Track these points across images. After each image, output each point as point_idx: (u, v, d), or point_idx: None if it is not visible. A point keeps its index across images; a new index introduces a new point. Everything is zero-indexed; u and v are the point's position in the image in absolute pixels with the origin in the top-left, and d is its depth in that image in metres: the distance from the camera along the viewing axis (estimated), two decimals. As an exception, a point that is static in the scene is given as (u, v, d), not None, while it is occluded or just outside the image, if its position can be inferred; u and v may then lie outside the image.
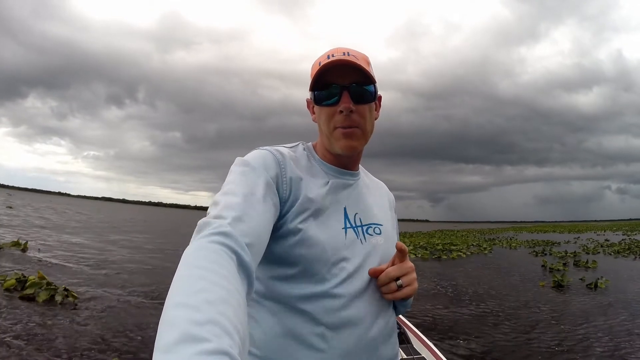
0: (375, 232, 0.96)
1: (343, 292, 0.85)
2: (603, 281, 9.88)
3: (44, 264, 9.22)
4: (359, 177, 1.02)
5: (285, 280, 0.86)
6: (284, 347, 0.84)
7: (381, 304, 0.92)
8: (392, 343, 0.95)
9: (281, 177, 0.87)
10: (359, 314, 0.86)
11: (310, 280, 0.85)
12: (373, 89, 0.92)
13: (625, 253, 19.39)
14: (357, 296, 0.87)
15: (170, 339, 0.42)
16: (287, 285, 0.86)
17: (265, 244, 0.75)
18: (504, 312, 7.17)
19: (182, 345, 0.41)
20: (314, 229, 0.86)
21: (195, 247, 0.60)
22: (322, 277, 0.85)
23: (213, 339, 0.42)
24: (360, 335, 0.86)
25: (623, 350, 5.06)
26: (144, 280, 8.50)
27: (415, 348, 2.84)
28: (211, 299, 0.48)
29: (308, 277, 0.85)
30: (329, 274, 0.85)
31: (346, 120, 0.90)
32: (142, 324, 5.42)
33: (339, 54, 0.89)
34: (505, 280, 10.93)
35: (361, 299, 0.88)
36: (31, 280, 6.43)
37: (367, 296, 0.89)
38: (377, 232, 0.97)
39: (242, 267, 0.61)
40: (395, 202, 1.14)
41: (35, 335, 4.68)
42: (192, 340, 0.41)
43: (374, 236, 0.95)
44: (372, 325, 0.89)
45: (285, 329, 0.84)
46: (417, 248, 19.88)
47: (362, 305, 0.87)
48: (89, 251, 12.45)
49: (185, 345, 0.41)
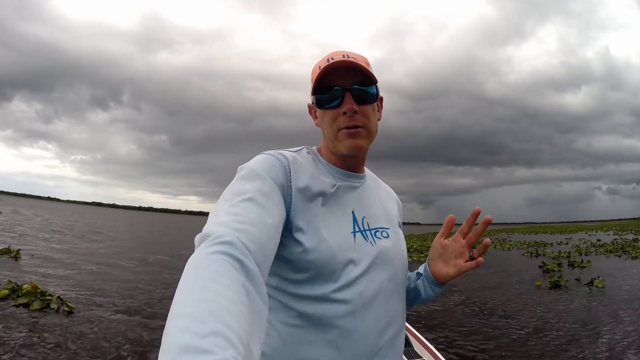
0: (383, 235, 0.95)
1: (353, 297, 0.84)
2: (599, 280, 9.99)
3: (36, 272, 9.04)
4: (365, 180, 1.02)
5: (294, 286, 0.85)
6: (294, 353, 0.83)
7: (393, 307, 0.92)
8: (400, 347, 0.96)
9: (287, 182, 0.85)
10: (369, 318, 0.85)
11: (319, 285, 0.84)
12: (375, 90, 0.93)
13: (617, 252, 19.64)
14: (368, 300, 0.86)
15: (173, 352, 0.41)
16: (296, 291, 0.85)
17: (272, 251, 0.73)
18: (503, 312, 7.20)
19: (186, 358, 0.40)
20: (322, 233, 0.85)
21: (198, 257, 0.58)
22: (332, 282, 0.84)
23: (217, 350, 0.42)
24: (371, 340, 0.85)
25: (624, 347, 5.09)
26: (140, 288, 8.38)
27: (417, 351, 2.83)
28: (214, 309, 0.47)
29: (317, 282, 0.84)
30: (339, 278, 0.84)
31: (350, 120, 0.89)
32: (138, 334, 5.33)
33: (338, 56, 0.89)
34: (502, 280, 10.99)
35: (372, 303, 0.87)
36: (25, 289, 6.31)
37: (378, 300, 0.88)
38: (385, 236, 0.96)
39: (248, 275, 0.59)
40: (402, 206, 1.15)
41: (28, 344, 4.57)
42: (195, 352, 0.41)
43: (382, 240, 0.94)
44: (384, 329, 0.88)
45: (294, 335, 0.84)
46: (412, 251, 19.92)
47: (372, 309, 0.86)
48: (82, 258, 12.24)
49: (188, 358, 0.40)
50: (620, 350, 5.06)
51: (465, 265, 0.98)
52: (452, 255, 1.01)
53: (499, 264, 15.17)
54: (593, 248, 22.73)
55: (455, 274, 0.99)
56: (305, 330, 0.83)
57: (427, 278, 1.05)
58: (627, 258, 17.39)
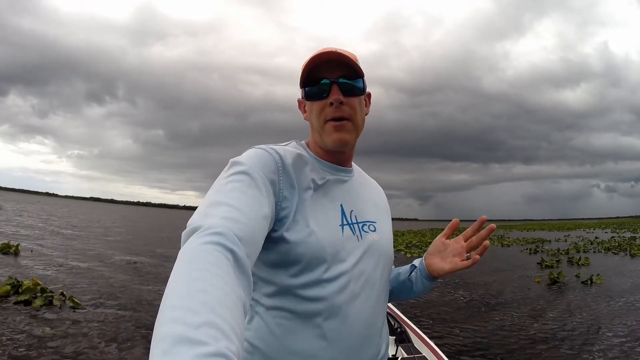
0: (370, 229, 0.97)
1: (341, 289, 0.86)
2: (597, 277, 10.07)
3: (37, 268, 9.06)
4: (353, 174, 1.03)
5: (282, 277, 0.86)
6: (282, 344, 0.85)
7: (378, 301, 0.95)
8: (386, 339, 1.01)
9: (277, 176, 0.86)
10: (357, 310, 0.87)
11: (307, 277, 0.85)
12: (362, 84, 0.94)
13: (615, 250, 19.72)
14: (356, 292, 0.88)
15: (167, 343, 0.41)
16: (284, 283, 0.86)
17: (260, 242, 0.73)
18: (504, 307, 7.24)
19: (180, 349, 0.40)
20: (311, 226, 0.86)
21: (190, 248, 0.58)
22: (320, 273, 0.85)
23: (211, 341, 0.41)
24: (358, 331, 0.87)
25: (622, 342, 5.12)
26: (140, 283, 8.40)
27: (416, 347, 2.83)
28: (208, 300, 0.47)
29: (306, 274, 0.85)
30: (327, 270, 0.85)
31: (337, 111, 0.91)
32: (139, 329, 5.36)
33: (327, 51, 0.91)
34: (502, 277, 11.05)
35: (359, 295, 0.89)
36: (26, 285, 6.30)
37: (365, 292, 0.90)
38: (372, 230, 0.97)
39: (239, 266, 0.59)
40: (387, 200, 1.16)
41: (29, 343, 4.58)
42: (189, 344, 0.40)
43: (370, 233, 0.96)
44: (371, 321, 0.91)
45: (283, 326, 0.85)
46: (410, 247, 19.97)
47: (359, 301, 0.88)
48: (83, 254, 12.26)
49: (182, 349, 0.40)
50: (618, 346, 5.10)
51: (461, 264, 1.00)
52: (450, 253, 1.04)
53: (498, 260, 15.23)
54: (591, 245, 22.82)
55: (450, 270, 1.01)
56: (294, 322, 0.85)
57: (421, 270, 1.07)
58: (625, 256, 17.48)
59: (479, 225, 1.02)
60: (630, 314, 6.78)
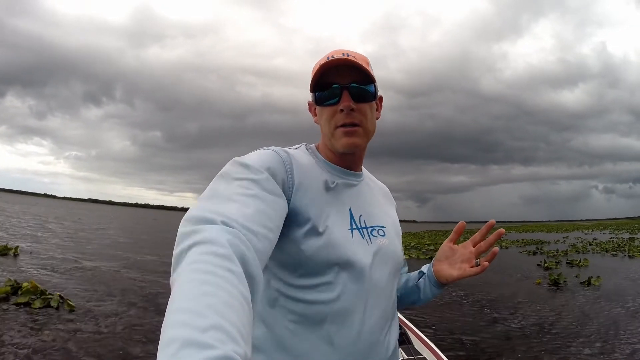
0: (379, 234, 0.96)
1: (349, 293, 0.85)
2: (596, 279, 10.10)
3: (36, 270, 9.02)
4: (362, 178, 1.02)
5: (290, 280, 0.85)
6: (288, 348, 0.84)
7: (387, 306, 0.93)
8: (395, 343, 0.97)
9: (287, 178, 0.84)
10: (365, 315, 0.86)
11: (315, 280, 0.84)
12: (373, 89, 0.93)
13: (613, 251, 19.75)
14: (364, 297, 0.87)
15: (174, 347, 0.40)
16: (292, 284, 0.85)
17: (271, 245, 0.71)
18: (505, 308, 7.24)
19: (187, 353, 0.39)
20: (320, 230, 0.84)
21: (196, 251, 0.56)
22: (328, 277, 0.84)
23: (218, 345, 0.40)
24: (366, 337, 0.86)
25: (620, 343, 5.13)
26: (142, 286, 8.37)
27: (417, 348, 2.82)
28: (214, 303, 0.46)
29: (314, 277, 0.84)
30: (336, 274, 0.84)
31: (347, 118, 0.90)
32: (138, 330, 5.34)
33: (338, 55, 0.89)
34: (503, 278, 11.05)
35: (367, 300, 0.87)
36: (25, 287, 6.29)
37: (374, 296, 0.89)
38: (381, 234, 0.96)
39: (247, 268, 0.57)
40: (396, 206, 1.14)
41: (29, 344, 4.57)
42: (196, 347, 0.39)
43: (379, 238, 0.95)
44: (379, 326, 0.89)
45: (289, 330, 0.84)
46: (409, 249, 19.97)
47: (368, 306, 0.87)
48: (82, 255, 12.21)
49: (189, 353, 0.39)
50: (617, 346, 5.11)
51: (470, 270, 0.99)
52: (458, 259, 1.03)
53: (498, 261, 15.22)
54: (590, 247, 22.84)
55: (458, 277, 1.00)
56: (300, 325, 0.84)
57: (429, 277, 1.07)
58: (623, 257, 17.51)
59: (487, 229, 1.01)
60: (630, 315, 6.79)
